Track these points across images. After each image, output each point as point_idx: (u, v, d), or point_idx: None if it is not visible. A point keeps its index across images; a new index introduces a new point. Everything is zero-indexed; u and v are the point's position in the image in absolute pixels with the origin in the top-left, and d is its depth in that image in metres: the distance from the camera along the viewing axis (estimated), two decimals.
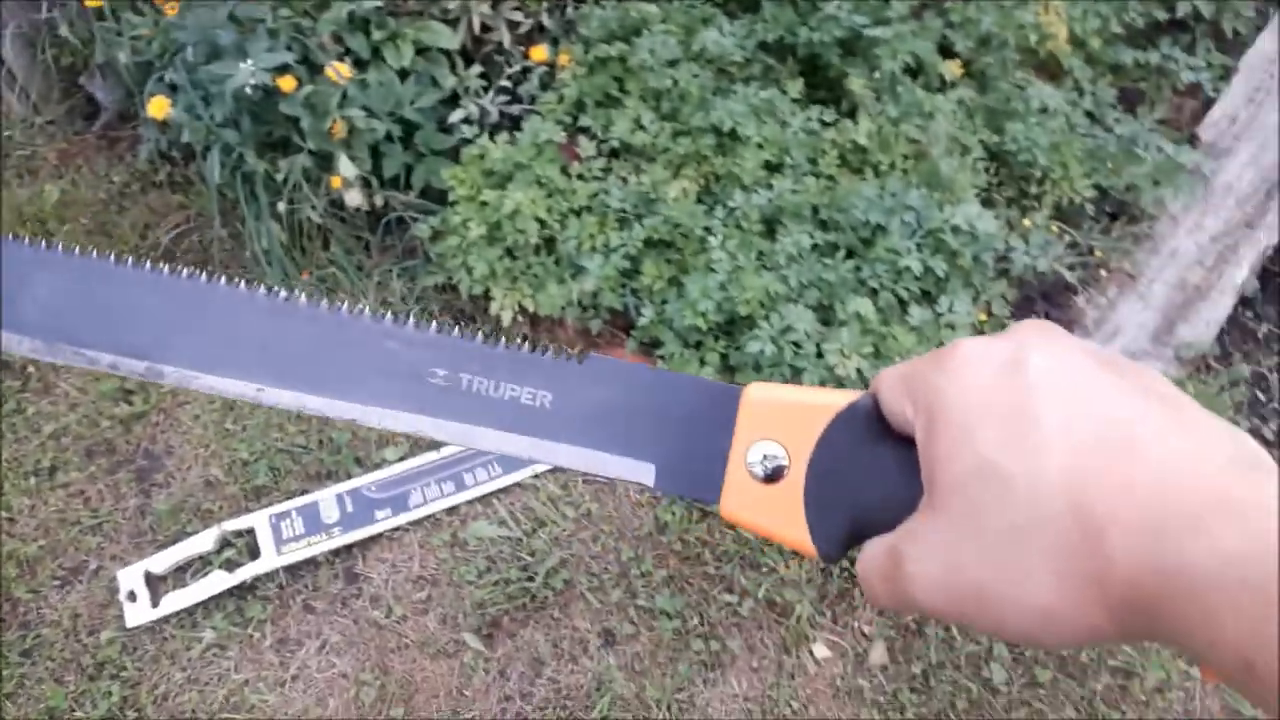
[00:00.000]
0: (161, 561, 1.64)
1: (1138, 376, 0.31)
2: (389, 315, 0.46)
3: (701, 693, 1.51)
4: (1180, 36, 2.23)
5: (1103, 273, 1.90)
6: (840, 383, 1.64)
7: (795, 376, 1.66)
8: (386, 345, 0.46)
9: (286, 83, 1.80)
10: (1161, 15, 2.19)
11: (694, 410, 0.44)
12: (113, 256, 0.47)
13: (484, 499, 1.74)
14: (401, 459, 1.80)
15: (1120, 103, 2.11)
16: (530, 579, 1.63)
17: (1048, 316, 1.85)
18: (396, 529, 1.71)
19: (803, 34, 2.01)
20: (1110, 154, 1.94)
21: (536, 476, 1.75)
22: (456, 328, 0.48)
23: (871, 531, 0.39)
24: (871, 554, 0.37)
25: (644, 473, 0.44)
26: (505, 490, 1.75)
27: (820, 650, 1.53)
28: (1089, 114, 2.04)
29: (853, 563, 1.00)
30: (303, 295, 0.47)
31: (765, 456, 0.42)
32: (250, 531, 1.70)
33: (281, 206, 1.96)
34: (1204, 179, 1.98)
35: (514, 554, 1.66)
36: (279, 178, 1.96)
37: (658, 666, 1.53)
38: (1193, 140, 2.06)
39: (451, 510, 1.73)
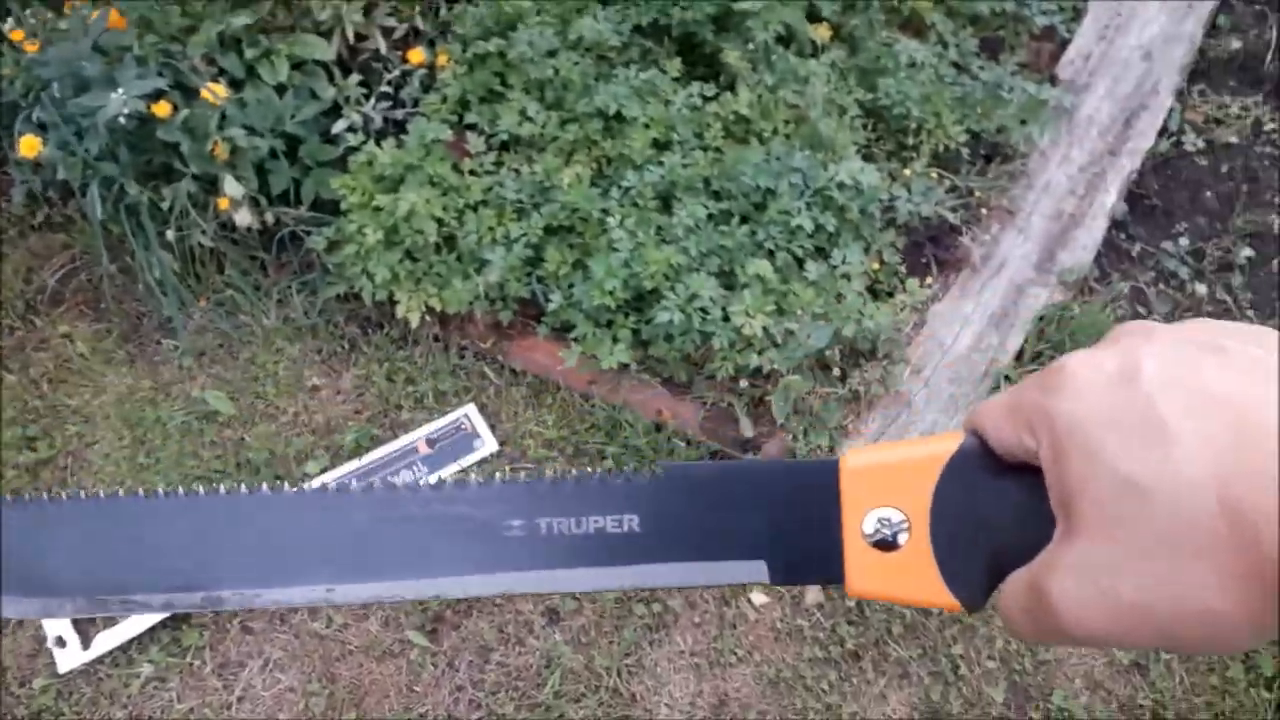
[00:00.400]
0: None
1: (1242, 350, 0.31)
2: (450, 480, 0.44)
3: (649, 654, 1.54)
4: None
5: (983, 211, 1.99)
6: (748, 342, 1.69)
7: (705, 341, 1.70)
8: (453, 510, 0.44)
9: (161, 109, 1.77)
10: None
11: (790, 494, 0.42)
12: (139, 492, 0.44)
13: None
14: (323, 471, 1.79)
15: (982, 51, 2.21)
16: None
17: (935, 259, 1.94)
18: None
19: (676, 14, 2.06)
20: (978, 100, 2.04)
21: (463, 471, 1.76)
22: (524, 474, 0.46)
23: (1010, 568, 0.38)
24: (1012, 591, 0.36)
25: (757, 571, 0.42)
26: None
27: (758, 597, 1.57)
28: (955, 64, 2.13)
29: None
30: (354, 482, 0.44)
31: (881, 523, 0.40)
32: None
33: (170, 234, 1.92)
34: (1066, 113, 2.10)
35: None
36: (164, 206, 1.93)
37: (604, 636, 1.56)
38: (1053, 80, 2.17)
39: None
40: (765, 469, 0.43)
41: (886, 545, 0.40)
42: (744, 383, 1.73)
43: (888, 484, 0.40)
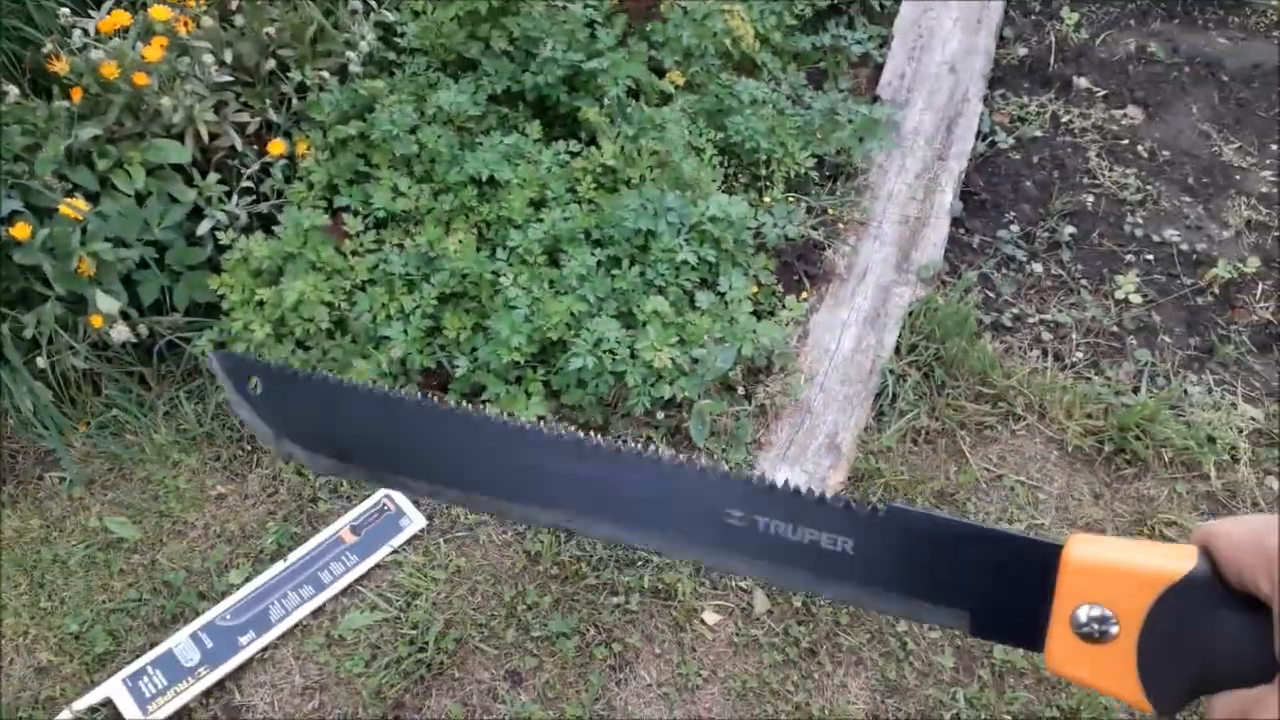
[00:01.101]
0: None
1: None
2: (676, 458, 0.48)
3: (618, 694, 1.56)
4: (840, 18, 2.57)
5: (840, 226, 2.15)
6: (659, 375, 1.76)
7: (618, 380, 1.76)
8: (682, 485, 0.48)
9: (20, 230, 1.70)
10: (822, 3, 2.52)
11: (1008, 562, 0.44)
12: (420, 396, 0.54)
13: (348, 590, 1.70)
14: (248, 578, 1.72)
15: (810, 83, 2.40)
16: (421, 650, 1.61)
17: (806, 274, 2.08)
18: (265, 649, 1.64)
19: (528, 80, 2.14)
20: (817, 126, 2.21)
21: (395, 552, 1.74)
22: (748, 471, 0.51)
23: (1214, 687, 0.40)
24: (1222, 707, 0.38)
25: (958, 619, 0.45)
26: (367, 575, 1.72)
27: (710, 616, 1.63)
28: (789, 97, 2.31)
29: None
30: (599, 438, 0.50)
31: (1092, 619, 0.42)
32: (107, 703, 1.56)
33: (42, 362, 1.82)
34: (895, 127, 2.30)
35: (396, 633, 1.64)
36: (26, 335, 1.83)
37: (569, 686, 1.57)
38: (876, 101, 2.38)
39: (318, 612, 1.68)
40: (987, 534, 0.45)
41: (1092, 638, 0.41)
42: (660, 415, 1.80)
43: (1108, 586, 0.41)
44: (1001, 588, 0.44)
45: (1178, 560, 0.41)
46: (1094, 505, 1.73)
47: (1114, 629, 0.41)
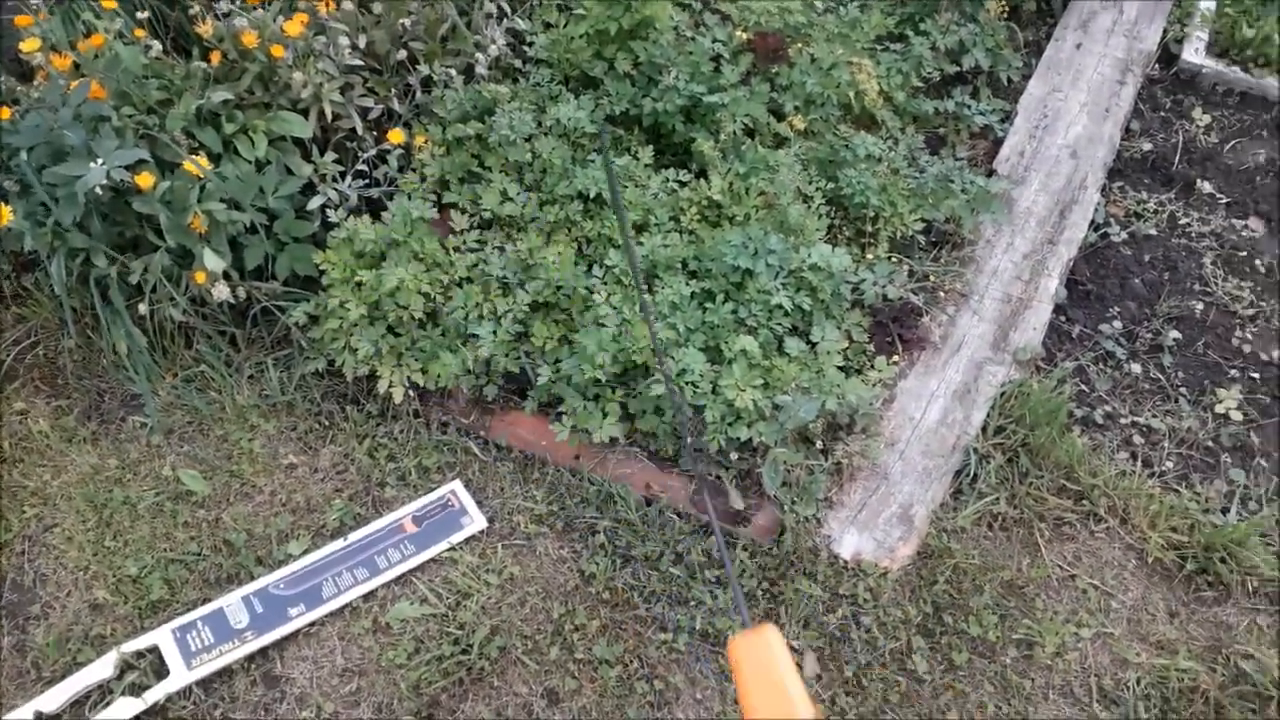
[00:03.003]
0: (54, 698, 1.50)
1: None
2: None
3: None
4: (966, 87, 2.55)
5: (940, 294, 2.12)
6: (738, 414, 1.74)
7: (697, 414, 1.75)
8: None
9: (144, 179, 1.75)
10: (950, 69, 2.50)
11: None
12: None
13: (401, 579, 1.71)
14: (306, 552, 1.74)
15: (927, 147, 2.38)
16: (464, 652, 1.61)
17: (899, 337, 2.05)
18: (313, 624, 1.65)
19: (647, 105, 2.16)
20: (930, 190, 2.18)
21: (452, 549, 1.74)
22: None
23: None
24: None
25: None
26: (421, 567, 1.72)
27: None
28: (905, 158, 2.29)
29: (769, 579, 1.12)
30: None
31: None
32: (154, 650, 1.59)
33: (143, 308, 1.87)
34: (1009, 203, 2.27)
35: (442, 630, 1.64)
36: (132, 280, 1.88)
37: (605, 716, 1.55)
38: (992, 174, 2.35)
39: (369, 596, 1.69)
40: None
41: None
42: (733, 455, 1.78)
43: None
44: None
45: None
46: (1168, 623, 1.67)
47: None
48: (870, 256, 2.12)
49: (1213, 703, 1.56)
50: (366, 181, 2.10)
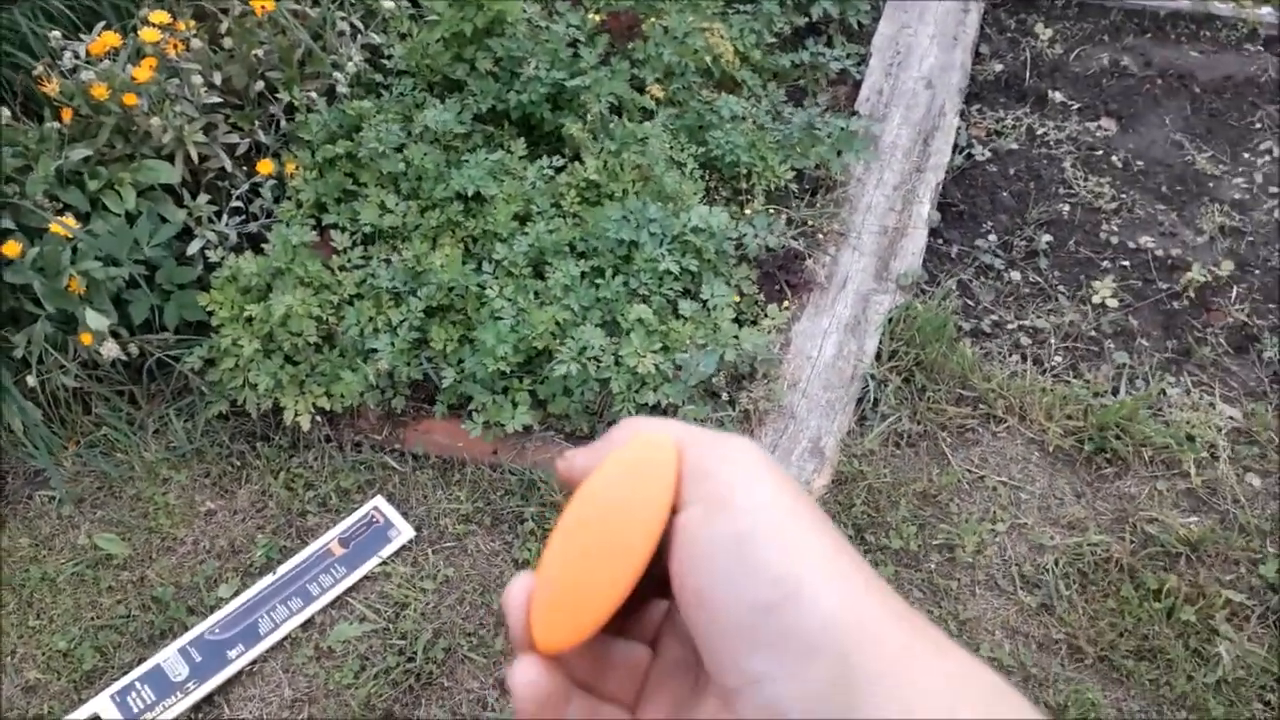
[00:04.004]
0: None
1: None
2: None
3: None
4: (819, 37, 2.63)
5: (820, 236, 2.19)
6: (643, 381, 1.78)
7: (603, 388, 1.78)
8: None
9: (11, 248, 1.72)
10: (800, 21, 2.58)
11: None
12: None
13: (337, 602, 1.71)
14: (237, 593, 1.73)
15: (789, 100, 2.45)
16: (410, 660, 1.62)
17: (787, 283, 2.11)
18: (254, 662, 1.64)
19: (512, 99, 2.18)
20: (796, 140, 2.25)
21: (384, 563, 1.74)
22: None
23: None
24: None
25: None
26: (356, 587, 1.73)
27: None
28: (769, 113, 2.35)
29: None
30: None
31: None
32: (95, 719, 1.56)
33: (31, 380, 1.84)
34: (874, 139, 2.35)
35: (385, 643, 1.65)
36: (17, 354, 1.84)
37: None
38: (854, 115, 2.42)
39: (307, 624, 1.68)
40: None
41: None
42: None
43: None
44: None
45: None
46: (1076, 504, 1.75)
47: None
48: (748, 211, 2.18)
49: (1126, 569, 1.65)
50: (243, 217, 2.09)
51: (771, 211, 2.20)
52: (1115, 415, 1.81)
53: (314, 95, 2.16)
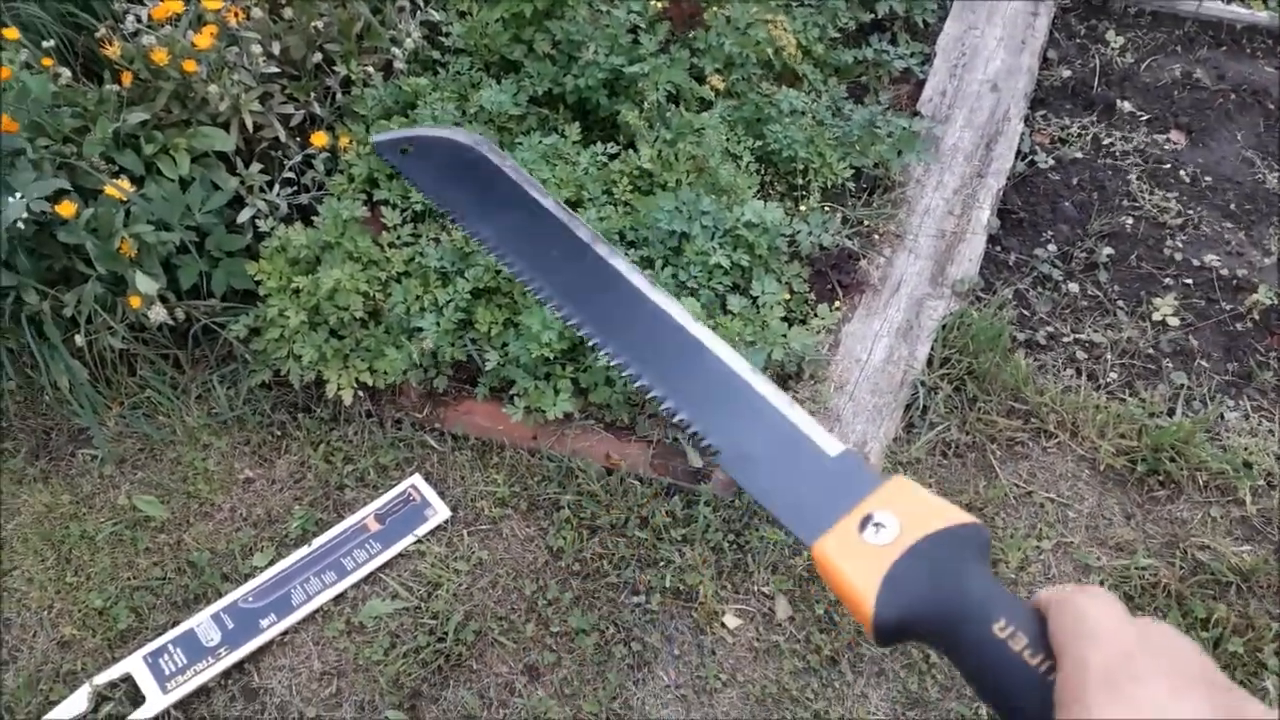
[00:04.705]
0: None
1: None
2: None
3: (635, 694, 1.55)
4: (883, 34, 2.58)
5: (875, 237, 2.14)
6: None
7: None
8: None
9: (66, 208, 1.73)
10: (865, 17, 2.53)
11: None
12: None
13: (370, 578, 1.71)
14: (271, 562, 1.73)
15: (850, 96, 2.40)
16: (440, 640, 1.61)
17: (839, 284, 2.07)
18: (285, 632, 1.64)
19: (569, 82, 2.16)
20: (856, 138, 2.21)
21: (418, 541, 1.74)
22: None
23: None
24: None
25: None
26: (390, 564, 1.72)
27: (731, 620, 1.61)
28: (829, 109, 2.31)
29: (734, 530, 1.16)
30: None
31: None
32: (127, 679, 1.57)
33: (80, 340, 1.85)
34: (935, 141, 2.30)
35: (416, 622, 1.64)
36: (66, 313, 1.86)
37: (587, 684, 1.56)
38: (915, 115, 2.37)
39: (339, 598, 1.68)
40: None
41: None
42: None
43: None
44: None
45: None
46: (1125, 525, 1.70)
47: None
48: (803, 208, 2.14)
49: (1174, 595, 1.60)
50: (295, 188, 2.09)
51: (827, 209, 2.16)
52: (1171, 437, 1.75)
53: (371, 70, 2.16)
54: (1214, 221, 2.23)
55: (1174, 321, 2.02)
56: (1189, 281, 2.11)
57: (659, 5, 2.30)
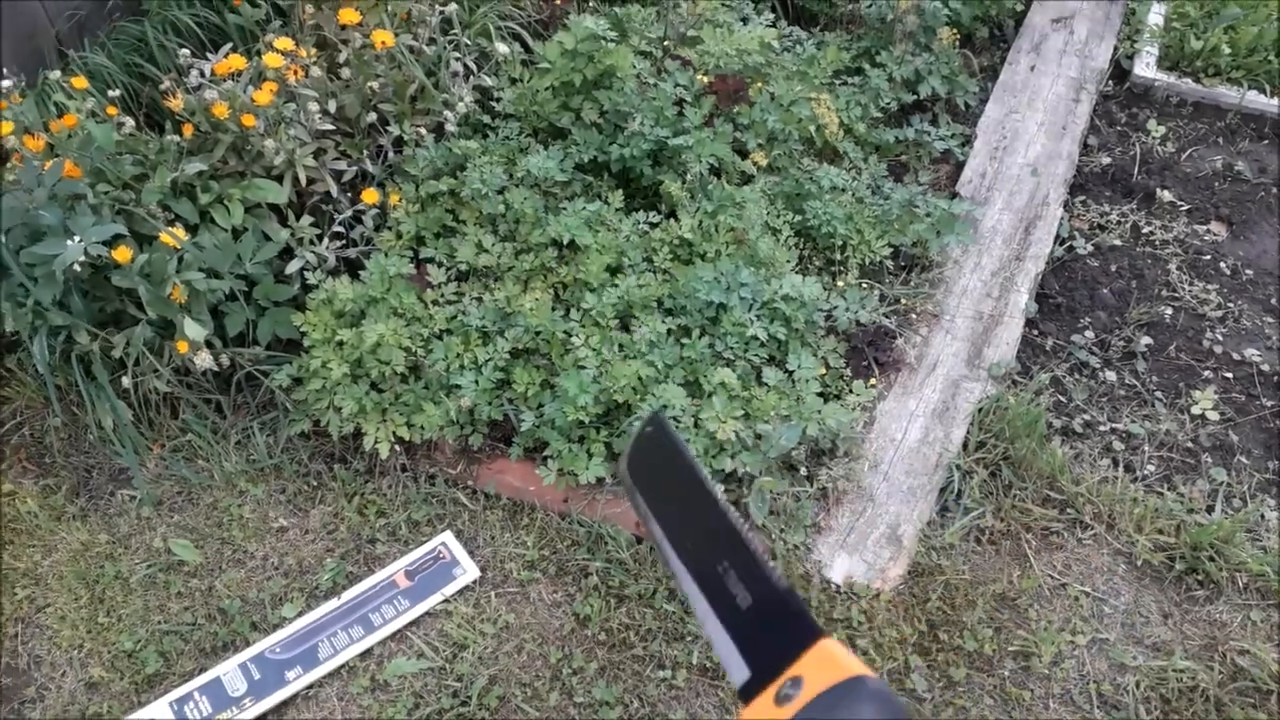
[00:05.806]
0: None
1: None
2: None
3: None
4: (924, 115, 2.61)
5: (912, 316, 2.15)
6: (721, 446, 1.76)
7: None
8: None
9: (122, 254, 1.77)
10: (908, 98, 2.57)
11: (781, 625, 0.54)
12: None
13: (397, 635, 1.70)
14: (300, 614, 1.74)
15: (890, 175, 2.43)
16: (464, 704, 1.60)
17: (875, 361, 2.07)
18: (310, 686, 1.64)
19: (614, 151, 2.21)
20: (895, 216, 2.23)
21: (446, 601, 1.74)
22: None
23: None
24: None
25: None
26: (416, 622, 1.72)
27: None
28: (869, 187, 2.34)
29: None
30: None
31: (791, 686, 0.49)
32: None
33: (126, 381, 1.89)
34: (973, 224, 2.31)
35: (440, 683, 1.64)
36: (115, 354, 1.90)
37: None
38: (955, 197, 2.40)
39: (365, 654, 1.68)
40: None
41: (781, 701, 0.50)
42: (720, 487, 1.79)
43: (818, 663, 0.50)
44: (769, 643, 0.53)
45: (866, 669, 0.48)
46: (1162, 624, 1.68)
47: (797, 694, 0.48)
48: (841, 284, 2.16)
49: (1213, 700, 1.56)
50: (343, 242, 2.13)
51: (865, 286, 2.18)
52: (1210, 535, 1.73)
53: (423, 131, 2.21)
54: (1254, 315, 2.22)
55: (1213, 415, 2.01)
56: (1229, 375, 2.10)
57: (705, 80, 2.35)
